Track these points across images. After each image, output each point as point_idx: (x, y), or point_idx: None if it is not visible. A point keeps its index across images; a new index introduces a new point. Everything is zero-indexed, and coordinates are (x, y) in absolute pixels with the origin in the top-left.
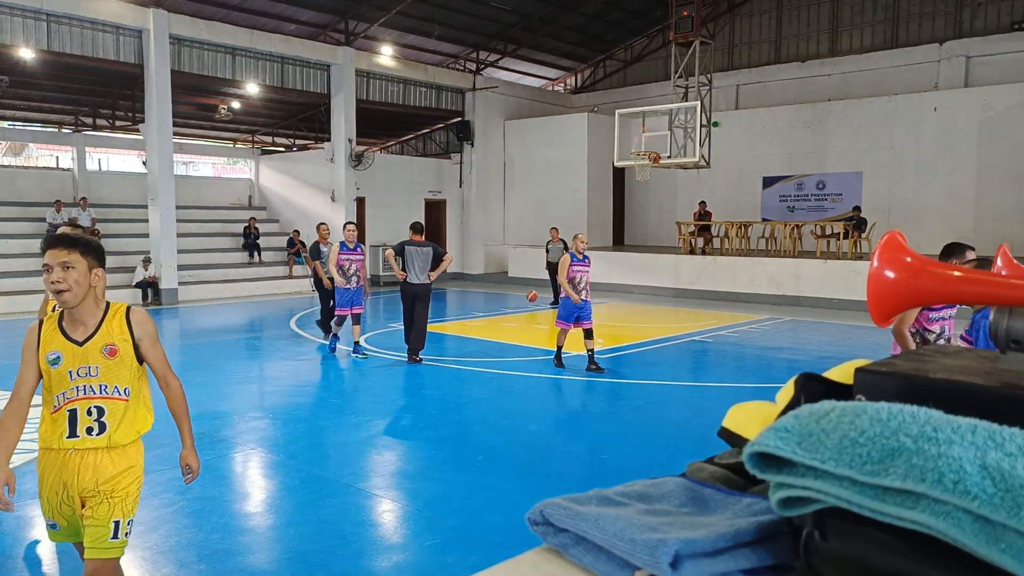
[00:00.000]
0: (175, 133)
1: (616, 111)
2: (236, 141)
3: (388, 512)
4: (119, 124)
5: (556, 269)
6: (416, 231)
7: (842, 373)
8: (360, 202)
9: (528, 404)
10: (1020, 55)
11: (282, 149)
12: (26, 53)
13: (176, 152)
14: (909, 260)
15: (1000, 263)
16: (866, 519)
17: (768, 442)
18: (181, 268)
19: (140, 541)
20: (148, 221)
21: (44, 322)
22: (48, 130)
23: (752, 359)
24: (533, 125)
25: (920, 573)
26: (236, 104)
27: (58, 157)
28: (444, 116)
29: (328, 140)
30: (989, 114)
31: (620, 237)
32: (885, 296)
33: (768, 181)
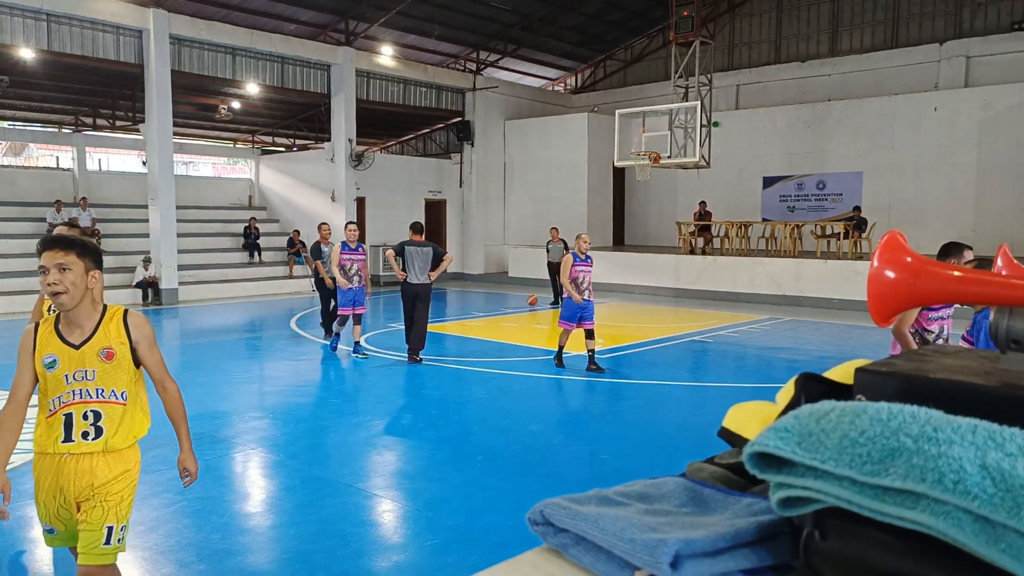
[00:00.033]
0: (175, 133)
1: (616, 111)
2: (236, 141)
3: (388, 512)
4: (119, 124)
5: (556, 269)
6: (416, 231)
7: (842, 373)
8: (360, 202)
9: (528, 404)
10: (1020, 55)
11: (282, 149)
12: (26, 53)
13: (176, 152)
14: (909, 260)
15: (1000, 263)
16: (866, 519)
17: (768, 442)
18: (181, 268)
19: (140, 541)
20: (148, 221)
21: (40, 325)
22: (48, 130)
23: (752, 359)
24: (533, 125)
25: (920, 573)
26: (236, 104)
27: (58, 157)
28: (444, 116)
29: (328, 140)
30: (989, 114)
31: (620, 237)
32: (885, 296)
33: (768, 181)
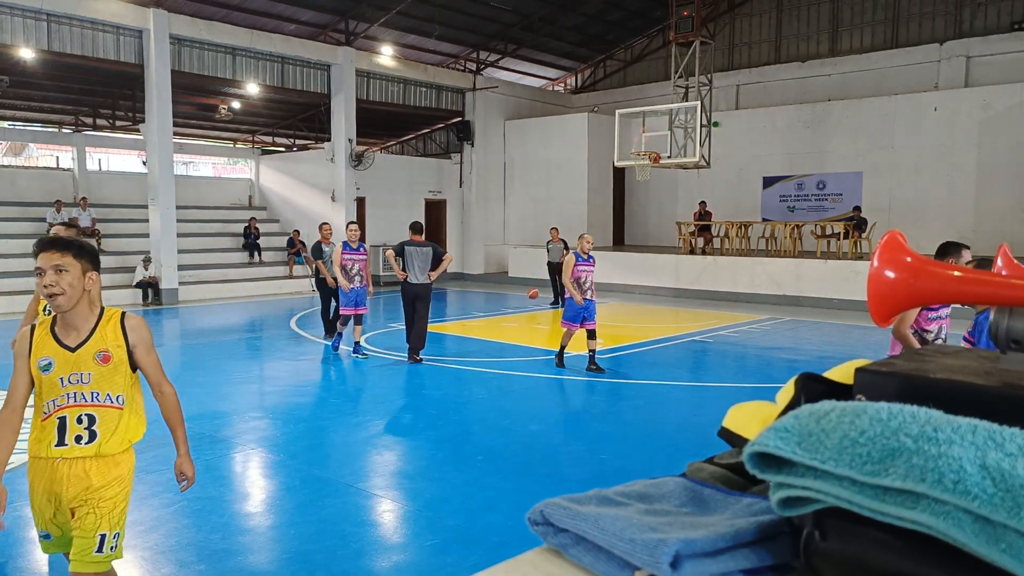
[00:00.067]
0: (175, 133)
1: (616, 111)
2: (236, 141)
3: (388, 512)
4: (119, 124)
5: (556, 269)
6: (416, 231)
7: (842, 373)
8: (360, 202)
9: (528, 404)
10: (1020, 55)
11: (282, 149)
12: (26, 53)
13: (176, 152)
14: (909, 260)
15: (1000, 263)
16: (866, 519)
17: (768, 442)
18: (181, 268)
19: (140, 541)
20: (148, 221)
21: (36, 327)
22: (48, 130)
23: (752, 359)
24: (533, 125)
25: (920, 573)
26: (236, 104)
27: (58, 157)
28: (444, 116)
29: (328, 140)
30: (989, 114)
31: (620, 237)
32: (885, 296)
33: (768, 181)
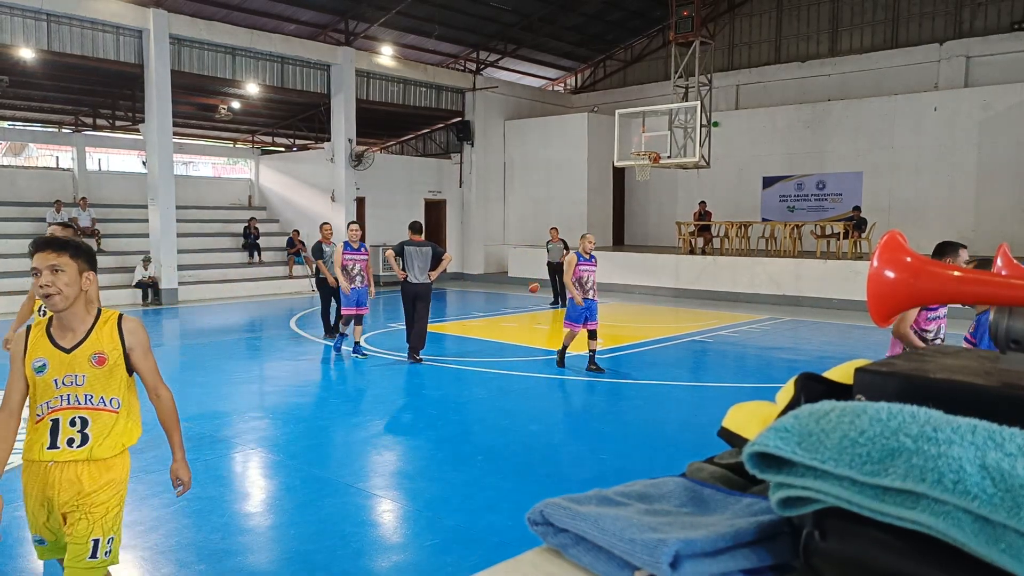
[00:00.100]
0: (175, 133)
1: (616, 111)
2: (236, 141)
3: (388, 512)
4: (119, 124)
5: (556, 269)
6: (415, 231)
7: (842, 373)
8: (360, 202)
9: (528, 404)
10: (1020, 55)
11: (282, 149)
12: (26, 53)
13: (176, 152)
14: (909, 260)
15: (1000, 263)
16: (866, 519)
17: (768, 442)
18: (181, 268)
19: (140, 541)
20: (148, 221)
21: (32, 328)
22: (48, 130)
23: (752, 359)
24: (533, 125)
25: (920, 573)
26: (236, 104)
27: (58, 157)
28: (444, 116)
29: (328, 140)
30: (989, 114)
31: (620, 237)
32: (885, 296)
33: (768, 181)
